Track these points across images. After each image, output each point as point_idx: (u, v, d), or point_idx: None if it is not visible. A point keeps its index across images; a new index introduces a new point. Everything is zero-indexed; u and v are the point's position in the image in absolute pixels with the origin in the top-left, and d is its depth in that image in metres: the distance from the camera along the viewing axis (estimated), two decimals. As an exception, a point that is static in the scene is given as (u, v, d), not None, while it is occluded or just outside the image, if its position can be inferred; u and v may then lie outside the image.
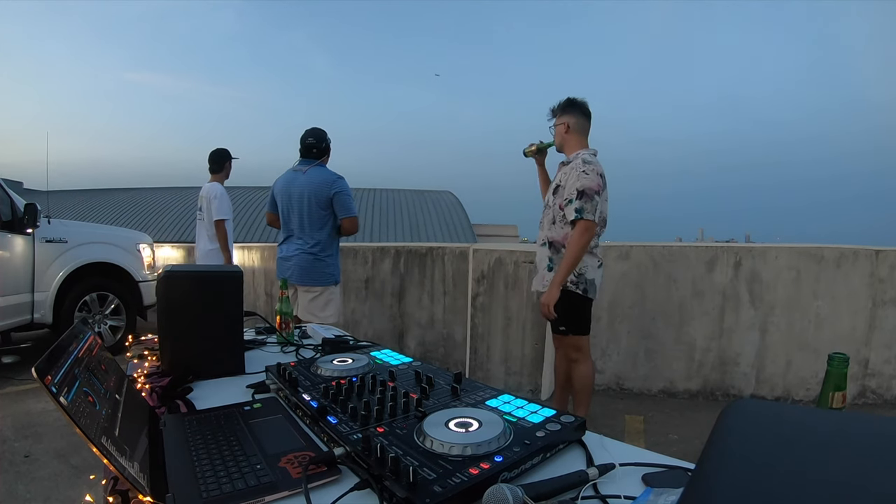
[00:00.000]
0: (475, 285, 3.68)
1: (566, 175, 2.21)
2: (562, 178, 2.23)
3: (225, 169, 3.90)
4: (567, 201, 2.17)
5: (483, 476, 0.62)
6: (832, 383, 0.64)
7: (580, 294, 2.23)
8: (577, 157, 2.20)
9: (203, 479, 0.67)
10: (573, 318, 2.28)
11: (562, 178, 2.23)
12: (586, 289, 2.24)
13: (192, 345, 1.18)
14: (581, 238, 2.14)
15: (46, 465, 2.38)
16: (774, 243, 3.56)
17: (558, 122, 2.32)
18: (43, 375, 0.59)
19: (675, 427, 2.94)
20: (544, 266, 2.33)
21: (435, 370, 1.08)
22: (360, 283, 4.44)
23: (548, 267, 2.30)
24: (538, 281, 2.40)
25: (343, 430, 0.76)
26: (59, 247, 4.20)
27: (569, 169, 2.21)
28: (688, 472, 0.68)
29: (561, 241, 2.27)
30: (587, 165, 2.15)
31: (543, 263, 2.34)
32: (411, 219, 21.34)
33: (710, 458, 0.33)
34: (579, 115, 2.31)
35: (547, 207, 2.33)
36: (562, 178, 2.24)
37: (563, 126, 2.29)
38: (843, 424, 0.36)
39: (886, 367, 3.29)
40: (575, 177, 2.15)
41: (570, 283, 2.22)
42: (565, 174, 2.22)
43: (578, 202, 2.13)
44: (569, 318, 2.26)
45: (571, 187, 2.16)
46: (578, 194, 2.14)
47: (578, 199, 2.13)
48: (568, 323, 2.27)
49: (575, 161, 2.20)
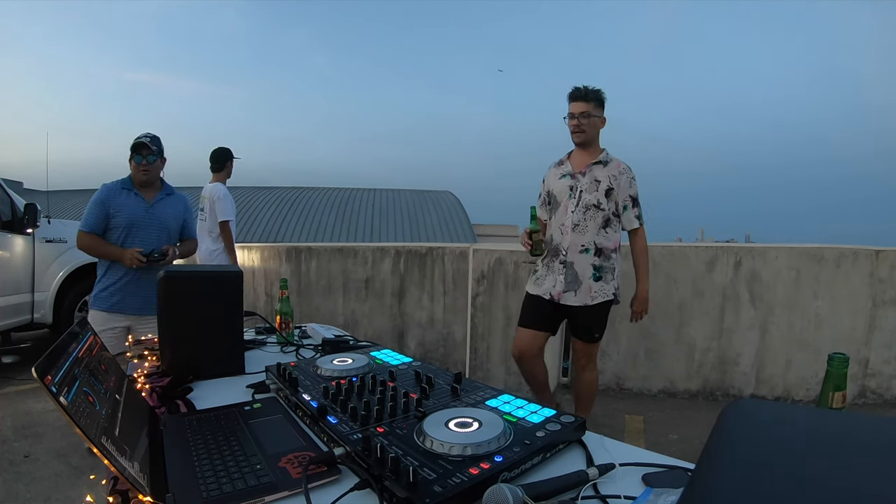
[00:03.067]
0: (475, 285, 3.68)
1: (616, 179, 2.10)
2: (612, 182, 2.10)
3: (226, 168, 3.87)
4: (623, 208, 2.13)
5: (483, 476, 0.62)
6: (832, 383, 0.64)
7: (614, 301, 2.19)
8: (618, 162, 2.14)
9: (203, 479, 0.67)
10: (605, 325, 2.23)
11: (612, 182, 2.10)
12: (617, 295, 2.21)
13: (192, 345, 1.18)
14: (646, 244, 2.18)
15: (46, 465, 2.38)
16: (774, 243, 3.56)
17: (596, 113, 2.10)
18: (43, 375, 0.59)
19: (675, 427, 2.94)
20: (588, 276, 2.11)
21: (435, 370, 1.08)
22: (360, 283, 4.44)
23: (594, 276, 2.10)
24: (582, 294, 2.12)
25: (343, 430, 0.76)
26: (59, 247, 4.20)
27: (614, 172, 2.11)
28: (688, 472, 0.68)
29: (612, 248, 2.16)
30: (632, 172, 2.14)
31: (587, 273, 2.11)
32: (411, 219, 21.34)
33: (710, 458, 0.33)
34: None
35: (594, 210, 2.10)
36: (611, 181, 2.10)
37: (602, 121, 2.14)
38: (843, 424, 0.36)
39: (886, 367, 3.29)
40: (626, 183, 2.11)
41: (617, 289, 2.17)
42: (614, 178, 2.10)
43: (637, 209, 2.14)
44: (603, 325, 2.21)
45: (625, 194, 2.11)
46: (633, 201, 2.13)
47: (634, 206, 2.13)
48: (602, 330, 2.21)
49: (617, 164, 2.13)
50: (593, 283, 2.10)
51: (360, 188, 24.67)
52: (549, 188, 2.25)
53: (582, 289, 2.11)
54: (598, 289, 2.11)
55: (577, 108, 2.08)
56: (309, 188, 24.41)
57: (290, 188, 24.29)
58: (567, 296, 2.12)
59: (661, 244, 3.66)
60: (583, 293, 2.11)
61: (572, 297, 2.12)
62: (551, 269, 2.19)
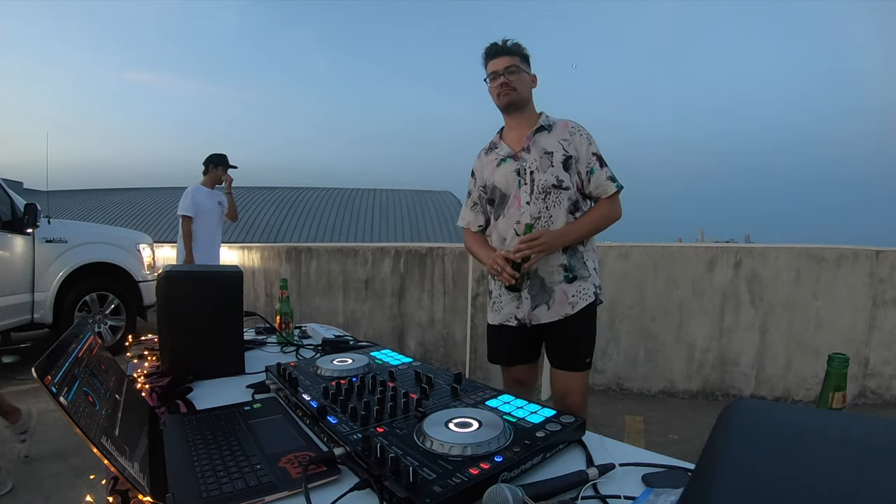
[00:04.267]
0: (475, 285, 3.68)
1: (569, 143, 1.57)
2: (566, 147, 1.57)
3: (211, 173, 3.93)
4: (589, 172, 1.57)
5: (483, 476, 0.62)
6: (832, 383, 0.64)
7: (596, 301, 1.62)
8: (564, 121, 1.62)
9: (203, 479, 0.67)
10: (594, 341, 1.62)
11: (566, 147, 1.57)
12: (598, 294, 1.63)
13: (192, 345, 1.18)
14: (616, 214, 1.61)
15: (46, 465, 2.38)
16: (774, 243, 3.57)
17: (524, 68, 1.61)
18: (43, 375, 0.59)
19: (675, 427, 2.94)
20: (558, 279, 1.56)
21: (435, 370, 1.08)
22: (360, 283, 4.44)
23: (566, 278, 1.56)
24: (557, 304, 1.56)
25: (343, 430, 0.76)
26: (59, 247, 4.20)
27: (564, 135, 1.58)
28: (688, 472, 0.68)
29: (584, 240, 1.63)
30: (585, 129, 1.61)
31: (555, 276, 1.56)
32: (411, 219, 21.35)
33: (710, 458, 0.33)
34: None
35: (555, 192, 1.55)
36: (565, 147, 1.57)
37: (533, 79, 1.64)
38: (843, 425, 0.36)
39: (886, 367, 3.29)
40: (584, 142, 1.57)
41: (598, 286, 1.64)
42: (567, 142, 1.57)
43: (607, 169, 1.58)
44: (591, 339, 1.62)
45: (586, 154, 1.57)
46: (599, 160, 1.58)
47: (602, 165, 1.58)
48: (591, 347, 1.61)
49: (565, 124, 1.61)
50: (567, 287, 1.55)
51: (360, 188, 24.68)
52: (486, 181, 1.67)
53: (555, 298, 1.56)
54: (576, 291, 1.56)
55: (501, 63, 1.57)
56: (309, 188, 24.42)
57: (290, 188, 24.30)
58: (539, 313, 1.57)
59: (661, 244, 3.66)
60: (558, 303, 1.55)
61: (545, 311, 1.57)
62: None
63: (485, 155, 1.72)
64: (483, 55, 1.63)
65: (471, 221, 1.77)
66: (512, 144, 1.64)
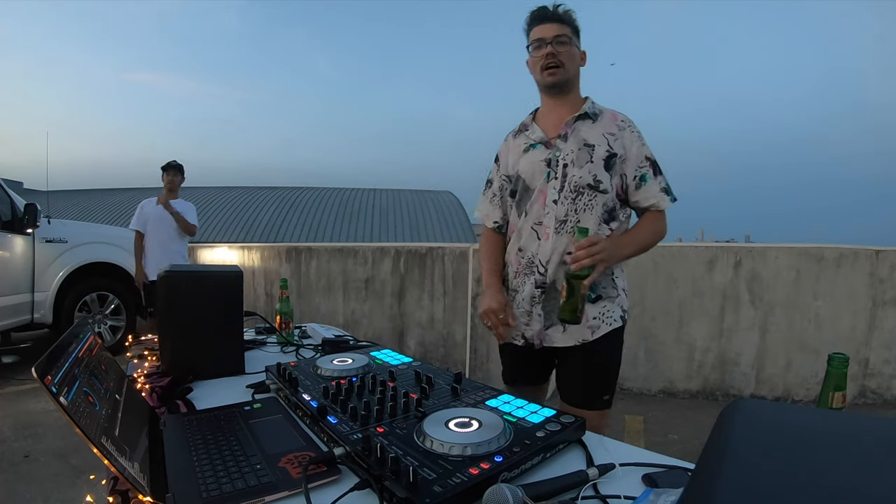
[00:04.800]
0: (475, 285, 3.68)
1: (617, 138, 1.29)
2: (612, 143, 1.28)
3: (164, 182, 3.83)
4: (639, 179, 1.29)
5: (483, 476, 0.62)
6: (832, 383, 0.64)
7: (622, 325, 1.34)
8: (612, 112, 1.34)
9: (203, 479, 0.67)
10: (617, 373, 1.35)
11: (612, 143, 1.28)
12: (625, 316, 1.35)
13: (192, 345, 1.18)
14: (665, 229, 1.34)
15: (46, 465, 2.38)
16: (774, 243, 3.57)
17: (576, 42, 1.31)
18: (43, 375, 0.59)
19: (675, 427, 2.94)
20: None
21: (435, 370, 1.08)
22: (360, 283, 4.44)
23: (588, 297, 1.26)
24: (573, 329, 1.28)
25: (343, 430, 0.76)
26: (59, 247, 4.20)
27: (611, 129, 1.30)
28: (688, 472, 0.68)
29: None
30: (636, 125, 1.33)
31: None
32: (411, 219, 21.35)
33: (710, 458, 0.33)
34: None
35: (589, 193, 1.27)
36: (610, 142, 1.28)
37: (583, 56, 1.35)
38: (843, 425, 0.36)
39: (886, 367, 3.29)
40: (635, 140, 1.30)
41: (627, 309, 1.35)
42: (613, 136, 1.29)
43: (662, 178, 1.31)
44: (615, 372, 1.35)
45: (637, 156, 1.29)
46: (653, 166, 1.30)
47: (656, 173, 1.30)
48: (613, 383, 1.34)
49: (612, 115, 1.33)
50: (588, 307, 1.27)
51: (360, 188, 24.67)
52: (510, 169, 1.40)
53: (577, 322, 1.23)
54: (599, 313, 1.28)
55: (549, 30, 1.28)
56: (309, 188, 24.42)
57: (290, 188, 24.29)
58: (553, 334, 1.30)
59: (660, 244, 3.67)
60: (576, 327, 1.27)
61: (559, 334, 1.30)
62: (520, 294, 1.35)
63: (512, 138, 1.44)
64: (527, 20, 1.34)
65: (487, 215, 1.50)
66: (546, 129, 1.35)
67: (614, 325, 1.30)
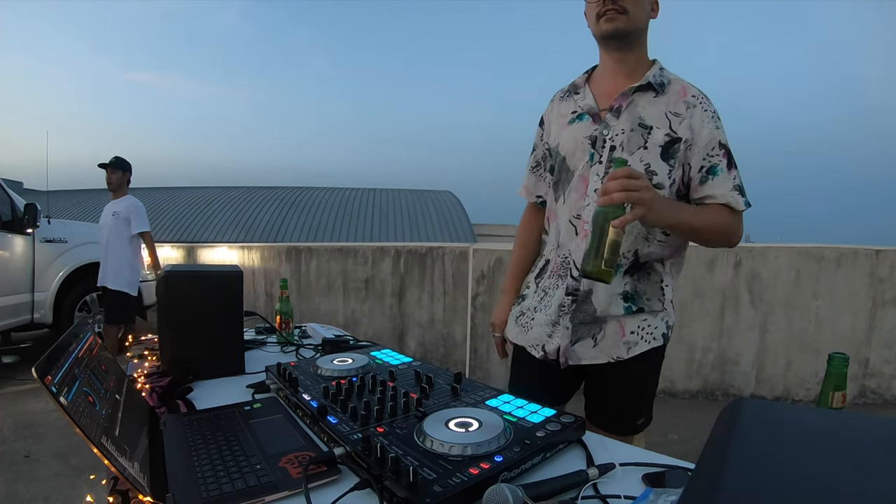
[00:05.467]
0: (475, 285, 3.68)
1: (683, 119, 1.02)
2: (676, 124, 1.02)
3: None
4: (706, 172, 1.03)
5: (483, 476, 0.62)
6: (832, 383, 0.64)
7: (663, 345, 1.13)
8: (683, 84, 1.07)
9: (203, 479, 0.67)
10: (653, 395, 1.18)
11: (676, 124, 1.02)
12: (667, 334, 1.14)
13: (192, 345, 1.18)
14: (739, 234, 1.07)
15: (46, 465, 2.38)
16: (774, 243, 3.57)
17: None
18: (43, 375, 0.59)
19: (675, 427, 2.95)
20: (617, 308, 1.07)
21: (435, 370, 1.08)
22: (360, 283, 4.44)
23: (626, 308, 1.07)
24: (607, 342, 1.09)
25: (343, 430, 0.76)
26: (59, 247, 4.20)
27: (678, 108, 1.03)
28: (688, 472, 0.68)
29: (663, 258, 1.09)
30: (711, 103, 1.05)
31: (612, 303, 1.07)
32: (411, 219, 21.35)
33: (710, 458, 0.33)
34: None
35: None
36: (673, 123, 1.02)
37: (655, 4, 1.10)
38: (843, 424, 0.36)
39: (886, 367, 3.29)
40: (707, 121, 1.02)
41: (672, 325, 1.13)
42: (679, 117, 1.03)
43: (738, 174, 1.04)
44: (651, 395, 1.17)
45: (708, 142, 1.02)
46: (727, 155, 1.03)
47: (731, 166, 1.03)
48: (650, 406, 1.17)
49: (682, 88, 1.06)
50: (626, 321, 1.08)
51: (360, 188, 24.66)
52: (552, 140, 1.18)
53: (606, 332, 1.09)
54: (638, 327, 1.09)
55: None
56: (309, 188, 24.41)
57: (290, 188, 24.29)
58: (581, 350, 1.11)
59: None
60: (609, 340, 1.09)
61: (589, 349, 1.10)
62: (549, 297, 1.15)
63: (559, 101, 1.19)
64: None
65: (530, 189, 1.28)
66: (599, 96, 1.11)
67: (654, 343, 1.09)
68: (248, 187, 23.00)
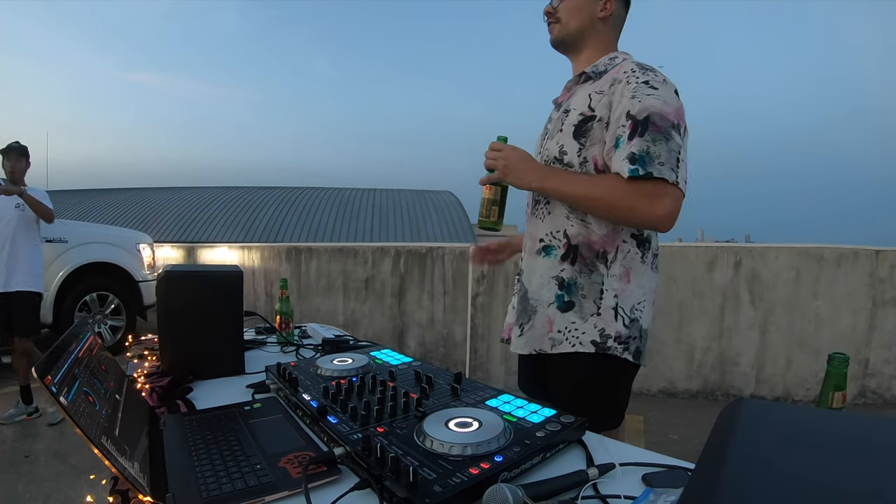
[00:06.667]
0: (475, 285, 3.68)
1: (603, 95, 1.02)
2: (594, 103, 1.03)
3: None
4: (613, 145, 0.99)
5: (483, 476, 0.62)
6: (832, 383, 0.64)
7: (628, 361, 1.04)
8: (622, 66, 1.03)
9: (203, 479, 0.67)
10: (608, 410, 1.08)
11: (594, 103, 1.03)
12: (640, 349, 1.06)
13: (192, 345, 1.18)
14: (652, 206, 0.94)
15: (46, 465, 2.38)
16: (774, 243, 3.57)
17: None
18: (43, 375, 0.59)
19: (675, 427, 2.94)
20: (547, 299, 1.08)
21: (435, 370, 1.08)
22: (360, 283, 4.44)
23: (558, 302, 1.06)
24: (534, 332, 1.10)
25: (343, 430, 0.76)
26: (59, 247, 4.20)
27: (602, 87, 1.04)
28: (688, 472, 0.68)
29: (603, 247, 1.05)
30: (649, 74, 0.98)
31: (544, 293, 1.08)
32: (411, 219, 21.34)
33: (710, 458, 0.33)
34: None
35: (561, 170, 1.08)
36: (592, 102, 1.03)
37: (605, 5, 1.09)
38: (843, 424, 0.36)
39: (886, 367, 3.29)
40: (627, 92, 0.97)
41: (616, 337, 1.03)
42: (600, 94, 1.03)
43: (644, 142, 0.93)
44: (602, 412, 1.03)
45: (619, 110, 0.98)
46: (635, 125, 0.94)
47: (635, 133, 0.94)
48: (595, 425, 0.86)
49: (619, 69, 1.03)
50: (555, 315, 1.06)
51: (360, 188, 24.65)
52: None
53: (535, 322, 1.09)
54: (565, 327, 1.05)
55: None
56: (309, 188, 24.40)
57: (290, 188, 24.28)
58: (513, 336, 1.16)
59: (661, 244, 3.67)
60: (535, 331, 1.09)
61: (517, 336, 1.14)
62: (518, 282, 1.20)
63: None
64: None
65: None
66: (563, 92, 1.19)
67: (580, 348, 1.03)
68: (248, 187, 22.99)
